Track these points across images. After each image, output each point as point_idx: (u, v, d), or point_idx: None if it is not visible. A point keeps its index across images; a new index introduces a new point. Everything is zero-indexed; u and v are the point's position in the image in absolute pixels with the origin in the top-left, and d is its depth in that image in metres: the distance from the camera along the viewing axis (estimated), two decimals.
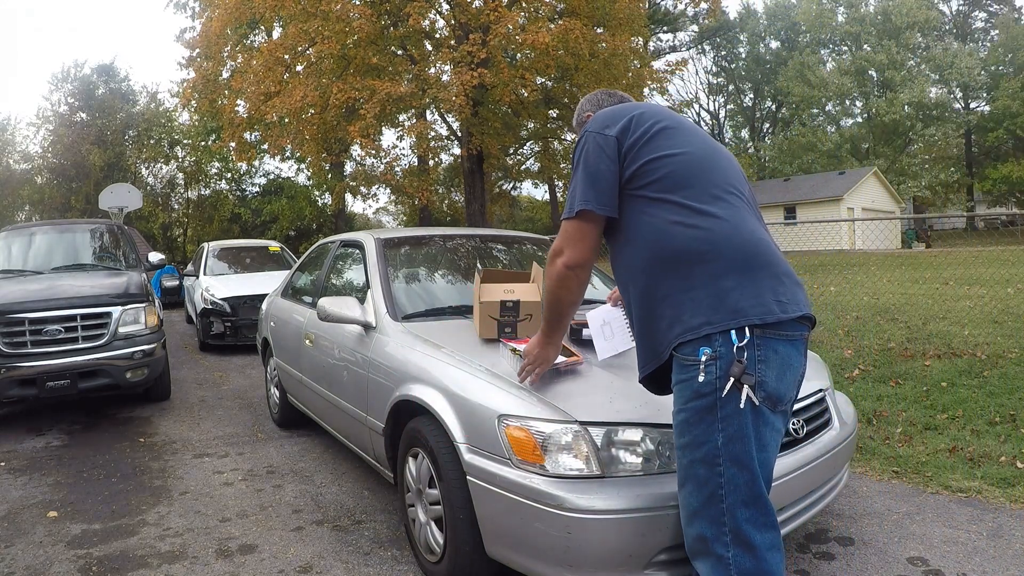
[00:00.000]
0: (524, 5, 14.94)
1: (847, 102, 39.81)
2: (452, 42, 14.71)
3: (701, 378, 1.52)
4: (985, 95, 38.22)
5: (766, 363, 1.54)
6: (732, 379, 1.50)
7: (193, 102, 17.65)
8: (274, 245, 10.61)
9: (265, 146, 16.79)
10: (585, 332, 2.56)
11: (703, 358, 1.52)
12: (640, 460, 2.00)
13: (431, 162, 18.06)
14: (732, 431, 1.50)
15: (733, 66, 46.15)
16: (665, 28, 36.66)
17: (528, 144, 23.18)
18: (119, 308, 4.91)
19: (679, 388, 1.60)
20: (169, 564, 2.69)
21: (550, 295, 1.84)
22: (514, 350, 2.38)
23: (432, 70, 14.87)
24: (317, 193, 27.78)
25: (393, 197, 26.47)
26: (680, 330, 1.58)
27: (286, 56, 14.63)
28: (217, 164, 28.69)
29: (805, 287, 1.72)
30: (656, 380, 1.77)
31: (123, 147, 27.01)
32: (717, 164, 1.73)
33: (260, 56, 15.00)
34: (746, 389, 1.50)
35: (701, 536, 1.57)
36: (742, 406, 1.51)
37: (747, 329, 1.52)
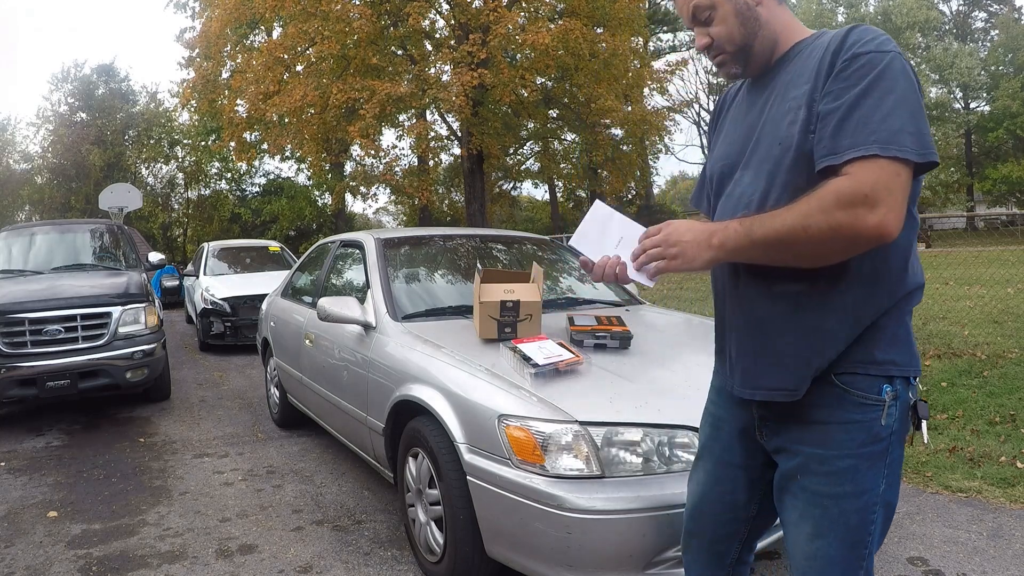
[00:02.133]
0: (524, 5, 14.93)
1: None
2: (452, 42, 14.71)
3: (884, 421, 1.30)
4: (985, 95, 38.20)
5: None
6: (923, 422, 1.35)
7: (193, 102, 17.64)
8: (274, 245, 10.62)
9: (265, 146, 16.79)
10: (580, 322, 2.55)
11: (887, 398, 1.29)
12: (640, 460, 2.00)
13: (431, 162, 18.05)
14: (893, 477, 1.35)
15: None
16: (665, 28, 36.63)
17: (528, 144, 23.16)
18: (119, 308, 4.91)
19: (848, 428, 1.30)
20: (169, 564, 2.69)
21: (809, 238, 1.17)
22: (515, 349, 2.38)
23: (432, 70, 14.85)
24: (317, 193, 27.77)
25: (393, 197, 26.48)
26: (863, 357, 1.29)
27: (286, 56, 14.61)
28: (217, 164, 28.68)
29: None
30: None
31: (123, 147, 26.98)
32: None
33: (260, 56, 14.99)
34: (924, 426, 1.35)
35: None
36: (898, 449, 1.35)
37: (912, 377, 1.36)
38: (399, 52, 15.64)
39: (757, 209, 1.28)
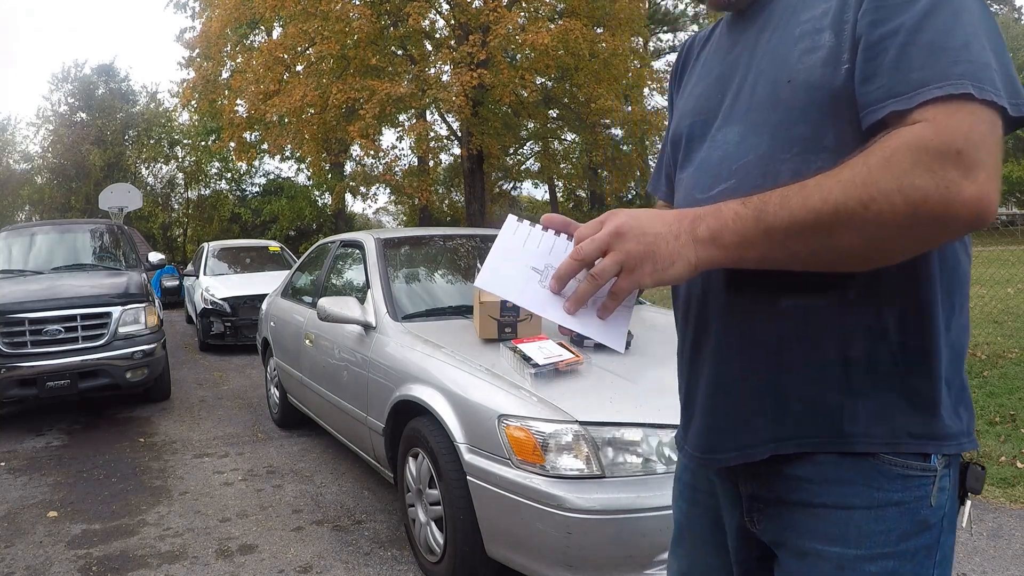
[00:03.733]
0: (524, 5, 14.94)
1: None
2: (452, 42, 14.72)
3: (934, 500, 0.85)
4: None
5: None
6: (969, 500, 0.92)
7: (193, 102, 17.64)
8: (274, 245, 10.63)
9: (265, 146, 16.80)
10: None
11: (938, 465, 0.85)
12: (640, 460, 2.00)
13: (431, 162, 18.06)
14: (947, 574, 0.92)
15: None
16: (665, 28, 36.66)
17: (528, 144, 23.19)
18: (119, 308, 4.91)
19: (882, 514, 0.84)
20: (169, 564, 2.69)
21: (868, 219, 0.70)
22: (515, 349, 2.38)
23: (432, 70, 14.87)
24: (317, 193, 27.79)
25: (393, 197, 26.50)
26: (954, 429, 0.86)
27: (286, 56, 14.63)
28: (217, 164, 28.70)
29: None
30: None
31: (123, 147, 26.98)
32: None
33: (260, 56, 15.00)
34: (968, 504, 0.92)
35: None
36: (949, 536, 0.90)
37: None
38: (399, 52, 15.65)
39: (756, 180, 0.84)
